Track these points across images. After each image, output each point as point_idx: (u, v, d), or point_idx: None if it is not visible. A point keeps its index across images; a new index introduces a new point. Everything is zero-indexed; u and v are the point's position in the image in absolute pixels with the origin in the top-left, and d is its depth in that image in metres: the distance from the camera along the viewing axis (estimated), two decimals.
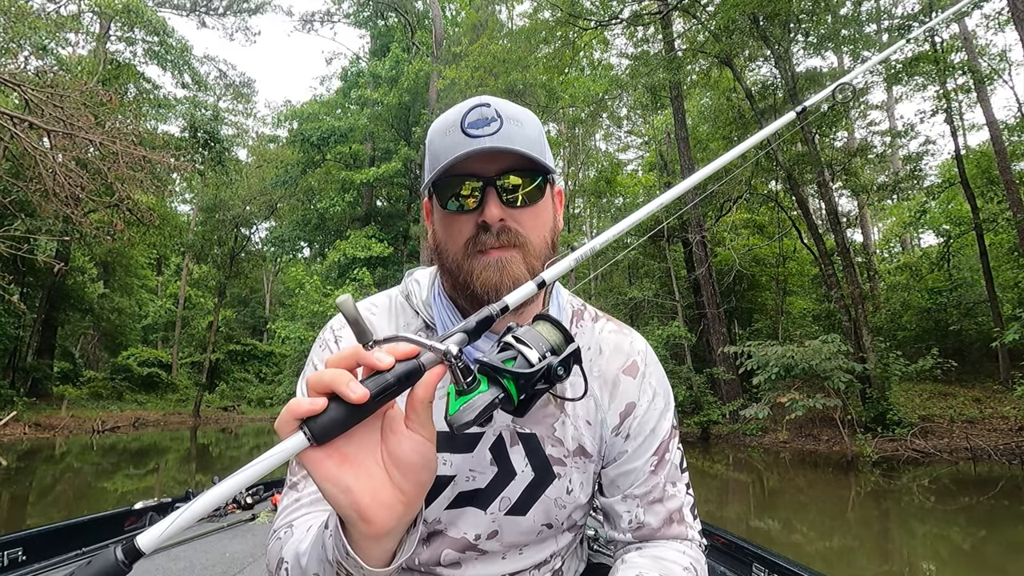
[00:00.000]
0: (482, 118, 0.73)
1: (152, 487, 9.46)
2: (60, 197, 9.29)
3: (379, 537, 0.52)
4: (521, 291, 0.55)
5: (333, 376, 0.45)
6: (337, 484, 0.48)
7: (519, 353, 0.51)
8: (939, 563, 5.18)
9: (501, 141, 0.72)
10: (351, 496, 0.49)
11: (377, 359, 0.47)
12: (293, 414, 0.46)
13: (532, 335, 0.53)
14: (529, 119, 0.77)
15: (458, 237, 0.76)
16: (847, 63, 15.53)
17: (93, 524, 2.34)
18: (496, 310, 0.52)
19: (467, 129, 0.73)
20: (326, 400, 0.45)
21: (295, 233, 26.20)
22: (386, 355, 0.47)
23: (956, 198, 16.58)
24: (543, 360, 0.51)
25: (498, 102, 0.76)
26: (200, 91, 23.29)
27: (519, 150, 0.72)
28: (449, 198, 0.76)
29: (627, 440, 0.86)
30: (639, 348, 0.91)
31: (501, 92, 15.43)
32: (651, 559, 0.81)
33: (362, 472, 0.49)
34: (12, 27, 12.39)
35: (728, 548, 2.06)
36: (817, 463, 10.10)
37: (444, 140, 0.75)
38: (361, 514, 0.49)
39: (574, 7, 13.83)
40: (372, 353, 0.47)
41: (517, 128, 0.74)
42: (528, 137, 0.75)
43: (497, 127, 0.73)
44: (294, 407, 0.45)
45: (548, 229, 0.80)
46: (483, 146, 0.71)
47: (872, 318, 12.55)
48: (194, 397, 23.86)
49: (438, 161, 0.75)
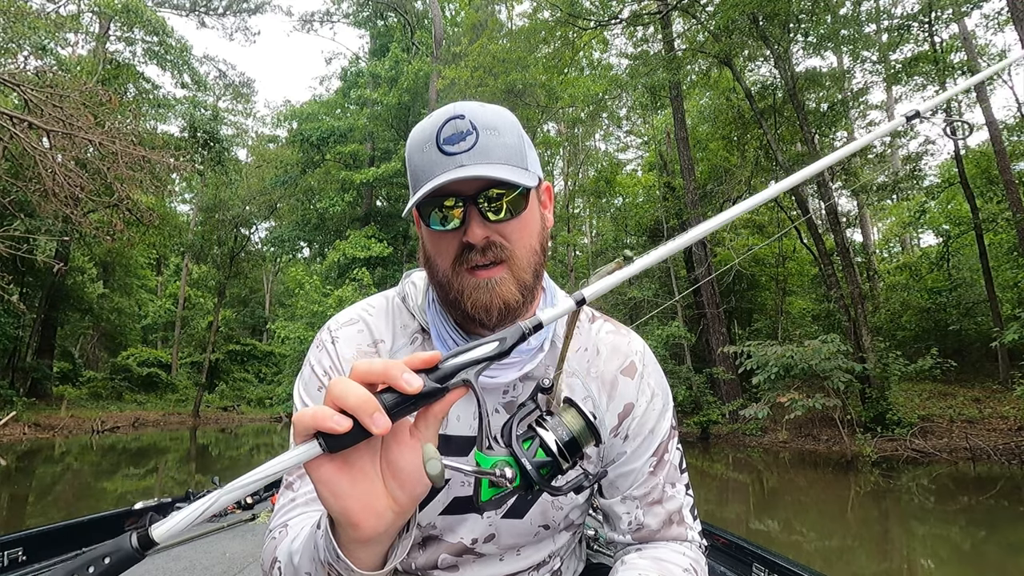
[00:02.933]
0: (456, 132, 0.72)
1: (152, 487, 9.45)
2: (60, 197, 9.28)
3: (367, 542, 0.51)
4: (558, 309, 0.51)
5: (359, 404, 0.44)
6: (331, 488, 0.48)
7: (553, 462, 0.52)
8: (938, 563, 5.18)
9: (478, 157, 0.71)
10: (343, 501, 0.48)
11: (406, 383, 0.45)
12: (316, 425, 0.45)
13: (561, 430, 0.53)
14: (506, 124, 0.75)
15: (445, 254, 0.76)
16: (847, 63, 15.52)
17: (93, 524, 2.34)
18: (530, 327, 0.50)
19: (442, 145, 0.72)
20: (351, 423, 0.44)
21: (295, 233, 26.20)
22: (416, 378, 0.45)
23: (956, 198, 16.57)
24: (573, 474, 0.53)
25: (473, 110, 0.73)
26: (200, 91, 23.29)
27: (494, 176, 0.69)
28: (431, 214, 0.75)
29: (626, 441, 0.86)
30: (637, 348, 0.90)
31: (501, 92, 15.44)
32: (651, 560, 0.81)
33: (359, 477, 0.49)
34: (11, 27, 12.38)
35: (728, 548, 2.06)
36: (817, 463, 10.10)
37: (422, 157, 0.74)
38: (350, 519, 0.49)
39: (574, 7, 13.83)
40: (403, 376, 0.45)
41: (494, 137, 0.73)
42: (506, 145, 0.73)
43: (473, 141, 0.71)
44: (321, 421, 0.44)
45: (535, 235, 0.79)
46: (459, 168, 0.70)
47: (872, 318, 12.56)
48: (194, 397, 23.85)
49: (417, 179, 0.74)
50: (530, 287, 0.78)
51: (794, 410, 9.81)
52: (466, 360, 0.47)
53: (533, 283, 0.78)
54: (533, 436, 0.52)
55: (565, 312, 0.52)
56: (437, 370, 0.47)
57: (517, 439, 0.52)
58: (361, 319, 0.89)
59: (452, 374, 0.47)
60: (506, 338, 0.49)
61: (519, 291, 0.76)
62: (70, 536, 2.19)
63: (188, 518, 0.43)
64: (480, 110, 0.74)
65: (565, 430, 0.53)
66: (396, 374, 0.45)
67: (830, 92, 14.06)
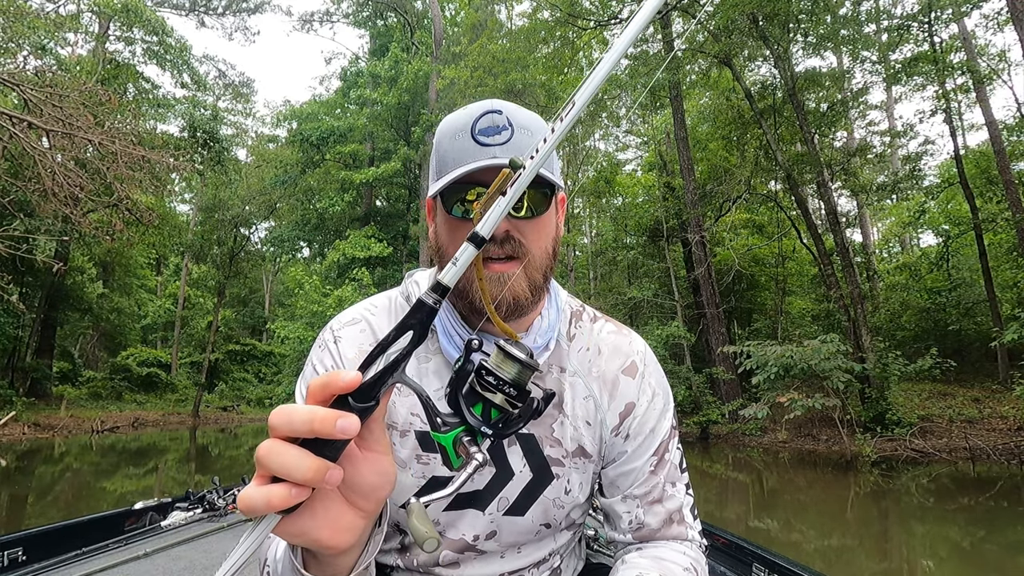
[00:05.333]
0: (493, 125, 0.73)
1: (152, 487, 9.45)
2: (59, 197, 9.27)
3: (341, 554, 0.50)
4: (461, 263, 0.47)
5: (311, 477, 0.40)
6: (291, 532, 0.45)
7: (502, 410, 0.51)
8: (938, 563, 5.18)
9: (511, 151, 0.72)
10: (309, 536, 0.46)
11: (341, 431, 0.41)
12: (271, 508, 0.41)
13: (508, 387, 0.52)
14: (538, 127, 0.77)
15: (461, 244, 0.76)
16: (847, 63, 15.53)
17: (93, 524, 2.34)
18: (436, 296, 0.46)
19: (477, 136, 0.73)
20: (309, 492, 0.42)
21: (294, 233, 26.21)
22: (350, 423, 0.41)
23: (955, 198, 16.58)
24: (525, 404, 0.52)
25: (510, 108, 0.75)
26: (199, 91, 23.29)
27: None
28: (454, 203, 0.75)
29: (627, 440, 0.86)
30: (638, 348, 0.91)
31: (500, 92, 15.44)
32: (652, 559, 0.81)
33: (318, 510, 0.46)
34: (11, 27, 12.37)
35: (728, 548, 2.06)
36: (816, 463, 10.10)
37: (453, 144, 0.74)
38: (322, 545, 0.47)
39: (573, 7, 13.84)
40: (336, 426, 0.40)
41: (528, 138, 0.74)
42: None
43: (508, 136, 0.73)
44: (276, 501, 0.40)
45: (550, 239, 0.80)
46: (494, 159, 0.71)
47: (871, 318, 12.56)
48: (193, 397, 23.84)
49: (446, 165, 0.75)
50: (540, 287, 0.79)
51: (794, 410, 9.82)
52: (385, 367, 0.44)
53: (542, 284, 0.79)
54: (480, 401, 0.52)
55: (469, 260, 0.47)
56: (360, 389, 0.43)
57: (467, 407, 0.51)
58: (363, 319, 0.89)
59: (377, 384, 0.44)
60: (415, 321, 0.45)
61: (530, 289, 0.77)
62: (70, 536, 2.19)
63: None
64: (516, 110, 0.76)
65: (507, 382, 0.51)
66: (328, 428, 0.40)
67: (830, 92, 14.06)
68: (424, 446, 0.82)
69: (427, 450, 0.82)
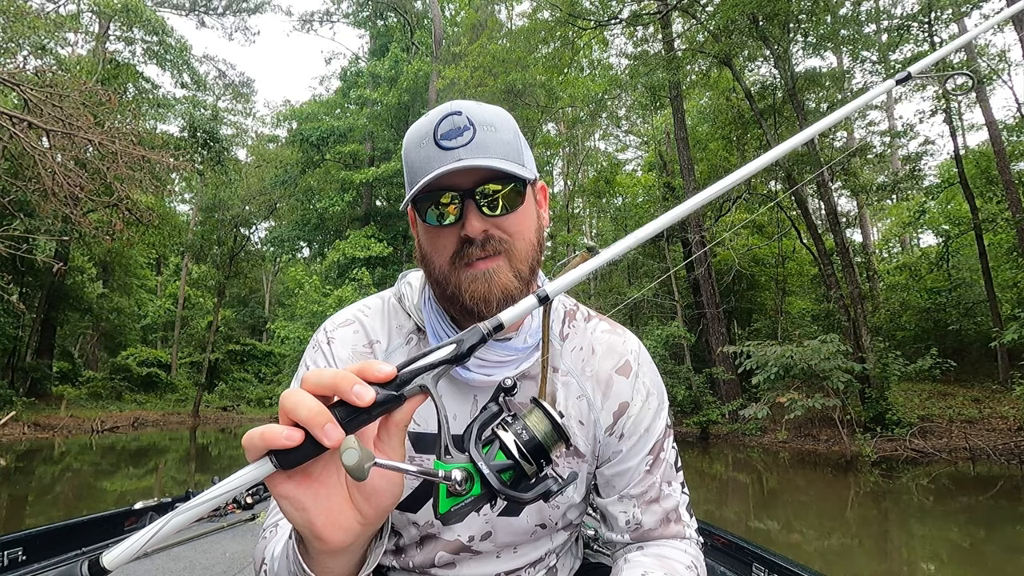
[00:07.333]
0: (455, 128, 0.72)
1: (152, 487, 9.45)
2: (59, 197, 9.27)
3: (334, 554, 0.51)
4: (520, 307, 0.49)
5: (310, 416, 0.42)
6: (293, 502, 0.47)
7: (515, 466, 0.48)
8: (938, 563, 5.18)
9: (476, 151, 0.71)
10: (306, 515, 0.47)
11: (356, 396, 0.43)
12: (266, 445, 0.43)
13: (524, 433, 0.49)
14: (502, 121, 0.76)
15: (443, 251, 0.76)
16: (847, 63, 15.53)
17: (93, 524, 2.33)
18: (490, 328, 0.48)
19: (440, 141, 0.72)
20: (302, 436, 0.42)
21: (294, 233, 26.20)
22: (366, 390, 0.43)
23: (955, 198, 16.58)
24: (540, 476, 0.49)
25: (470, 108, 0.74)
26: (199, 91, 23.28)
27: (493, 165, 0.70)
28: (428, 211, 0.75)
29: (621, 440, 0.86)
30: (632, 348, 0.91)
31: (500, 92, 15.45)
32: (654, 557, 0.81)
33: (322, 491, 0.47)
34: (11, 26, 12.37)
35: (728, 548, 2.06)
36: (816, 463, 10.10)
37: (419, 153, 0.74)
38: (315, 533, 0.48)
39: (574, 7, 13.84)
40: (352, 389, 0.43)
41: (491, 134, 0.73)
42: (503, 142, 0.74)
43: (470, 136, 0.72)
44: (269, 438, 0.43)
45: (533, 230, 0.79)
46: (457, 161, 0.70)
47: (871, 318, 12.56)
48: (193, 397, 23.84)
49: (414, 175, 0.74)
50: (526, 279, 0.78)
51: (794, 410, 9.81)
52: (422, 365, 0.45)
53: (529, 276, 0.78)
54: (494, 440, 0.49)
55: (528, 310, 0.49)
56: (394, 380, 0.45)
57: (476, 444, 0.48)
58: (357, 320, 0.89)
59: (408, 380, 0.45)
60: (464, 340, 0.46)
61: (517, 280, 0.76)
62: (70, 536, 2.19)
63: (139, 542, 0.42)
64: (477, 108, 0.75)
65: (528, 432, 0.49)
66: (346, 387, 0.43)
67: (830, 92, 14.06)
68: (417, 447, 0.82)
69: (420, 451, 0.82)
